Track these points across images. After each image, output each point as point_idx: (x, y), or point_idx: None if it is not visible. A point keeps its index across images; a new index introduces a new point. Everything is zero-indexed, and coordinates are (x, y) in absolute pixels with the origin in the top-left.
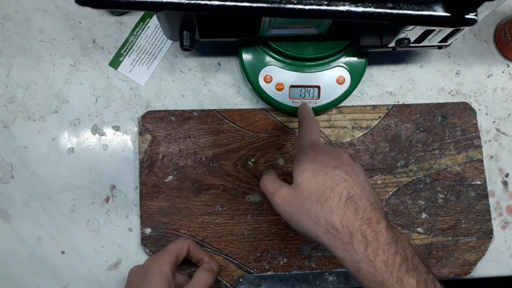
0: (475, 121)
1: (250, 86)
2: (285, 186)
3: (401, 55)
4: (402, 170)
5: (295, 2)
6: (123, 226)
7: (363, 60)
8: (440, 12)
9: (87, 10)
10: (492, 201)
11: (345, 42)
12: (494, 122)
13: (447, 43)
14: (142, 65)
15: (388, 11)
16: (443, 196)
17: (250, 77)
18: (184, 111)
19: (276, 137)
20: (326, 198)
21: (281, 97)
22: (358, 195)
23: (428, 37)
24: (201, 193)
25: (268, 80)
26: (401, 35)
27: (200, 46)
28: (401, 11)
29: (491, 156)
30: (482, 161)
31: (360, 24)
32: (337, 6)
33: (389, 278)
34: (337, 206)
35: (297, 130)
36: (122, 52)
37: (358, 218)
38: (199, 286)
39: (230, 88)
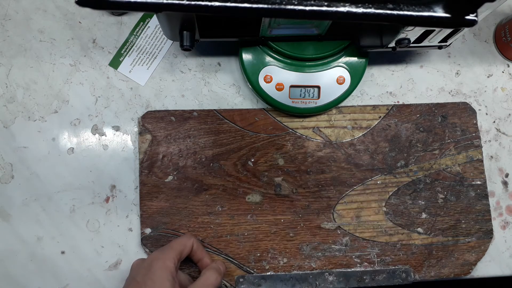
0: (475, 121)
1: (250, 86)
2: None
3: (401, 55)
4: (402, 170)
5: (296, 3)
6: (123, 226)
7: (363, 60)
8: (440, 13)
9: (87, 10)
10: (492, 201)
11: (345, 42)
12: (494, 122)
13: (447, 43)
14: (142, 65)
15: (389, 12)
16: (443, 196)
17: (250, 77)
18: (184, 111)
19: (276, 137)
20: None
21: (281, 97)
22: None
23: (428, 37)
24: (201, 193)
25: (268, 80)
26: (401, 35)
27: (200, 46)
28: (401, 12)
29: (491, 156)
30: (482, 161)
31: (360, 24)
32: (337, 7)
33: None
34: None
35: (297, 130)
36: (122, 52)
37: None
38: (208, 286)
39: (230, 88)
